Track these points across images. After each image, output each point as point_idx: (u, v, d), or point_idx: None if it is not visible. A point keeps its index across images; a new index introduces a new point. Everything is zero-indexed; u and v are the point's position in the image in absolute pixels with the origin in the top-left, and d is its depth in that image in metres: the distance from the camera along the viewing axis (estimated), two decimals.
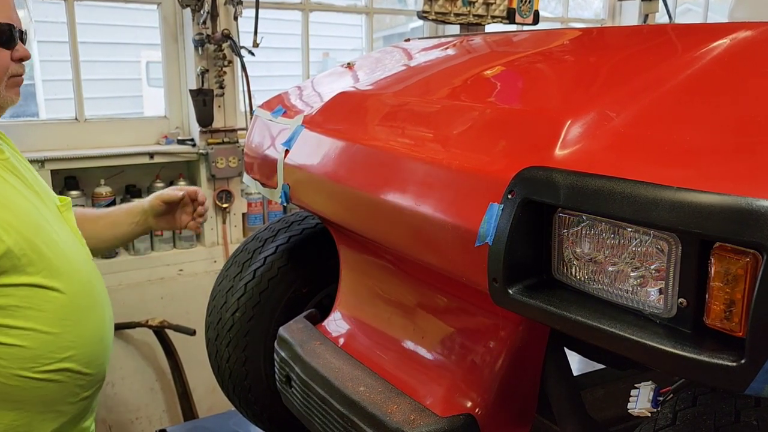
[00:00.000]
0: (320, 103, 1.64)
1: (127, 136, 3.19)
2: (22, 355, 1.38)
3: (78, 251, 1.57)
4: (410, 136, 1.30)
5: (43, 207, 1.51)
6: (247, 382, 1.84)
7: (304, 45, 3.71)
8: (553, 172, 0.93)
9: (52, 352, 1.42)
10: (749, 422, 0.90)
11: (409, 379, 1.37)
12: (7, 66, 1.45)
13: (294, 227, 1.93)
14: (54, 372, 1.43)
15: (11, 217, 1.38)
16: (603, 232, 0.91)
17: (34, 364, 1.40)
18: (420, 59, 1.76)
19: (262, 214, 3.53)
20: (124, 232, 1.86)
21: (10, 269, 1.36)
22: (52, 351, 1.42)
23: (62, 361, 1.44)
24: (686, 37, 1.23)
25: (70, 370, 1.46)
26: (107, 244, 1.90)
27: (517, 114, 1.17)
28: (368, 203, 1.29)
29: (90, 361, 1.51)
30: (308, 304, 1.86)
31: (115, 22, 4.03)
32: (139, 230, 1.89)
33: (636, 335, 0.84)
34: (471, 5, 3.51)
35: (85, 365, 1.49)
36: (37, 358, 1.40)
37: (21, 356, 1.38)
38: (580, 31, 1.66)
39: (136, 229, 1.88)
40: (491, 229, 0.97)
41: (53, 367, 1.43)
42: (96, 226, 1.83)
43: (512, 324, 1.22)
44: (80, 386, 1.50)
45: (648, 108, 0.99)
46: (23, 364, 1.39)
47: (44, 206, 1.52)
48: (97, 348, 1.53)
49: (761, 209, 0.72)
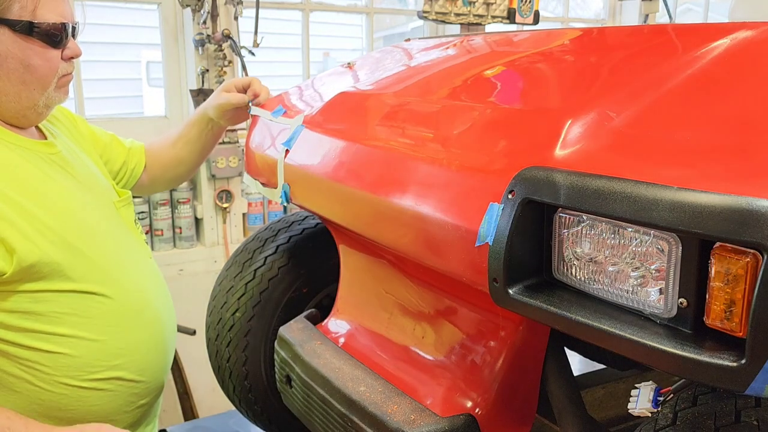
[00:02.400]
0: (320, 102, 1.64)
1: (127, 135, 3.18)
2: (68, 363, 1.31)
3: (131, 252, 1.49)
4: (410, 136, 1.30)
5: (94, 205, 1.43)
6: (248, 382, 1.84)
7: (305, 45, 3.71)
8: (553, 172, 0.93)
9: (100, 360, 1.35)
10: (749, 422, 0.90)
11: (410, 379, 1.37)
12: (57, 67, 1.35)
13: (294, 227, 1.93)
14: (103, 381, 1.36)
15: (52, 220, 1.30)
16: (603, 232, 0.91)
17: (81, 372, 1.33)
18: (420, 59, 1.76)
19: (262, 214, 3.53)
20: (203, 145, 1.87)
21: (48, 275, 1.28)
22: (99, 359, 1.35)
23: (111, 369, 1.36)
24: (686, 37, 1.23)
25: (121, 378, 1.38)
26: (191, 165, 1.90)
27: (518, 114, 1.17)
28: (368, 203, 1.29)
29: (144, 369, 1.43)
30: (308, 304, 1.86)
31: (116, 22, 4.04)
32: (213, 138, 1.89)
33: (636, 335, 0.84)
34: (471, 5, 3.51)
35: (138, 373, 1.41)
36: (83, 366, 1.33)
37: (66, 364, 1.31)
38: (581, 31, 1.66)
39: (211, 138, 1.88)
40: (491, 229, 0.98)
41: (102, 375, 1.35)
42: (175, 151, 1.84)
43: (512, 324, 1.22)
44: (135, 394, 1.43)
45: (648, 108, 0.99)
46: (68, 372, 1.32)
47: (96, 204, 1.45)
48: (151, 354, 1.45)
49: (761, 209, 0.72)
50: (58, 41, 1.33)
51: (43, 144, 1.42)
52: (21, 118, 1.36)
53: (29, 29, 1.28)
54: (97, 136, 1.70)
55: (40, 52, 1.31)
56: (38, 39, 1.30)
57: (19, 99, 1.33)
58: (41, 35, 1.30)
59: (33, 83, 1.33)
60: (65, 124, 1.57)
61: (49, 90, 1.36)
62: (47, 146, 1.42)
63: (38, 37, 1.30)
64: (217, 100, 1.79)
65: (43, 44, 1.31)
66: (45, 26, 1.30)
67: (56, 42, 1.33)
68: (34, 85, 1.33)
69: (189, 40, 3.18)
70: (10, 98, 1.32)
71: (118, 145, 1.75)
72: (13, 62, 1.29)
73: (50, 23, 1.30)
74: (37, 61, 1.31)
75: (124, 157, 1.75)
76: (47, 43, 1.31)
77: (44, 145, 1.42)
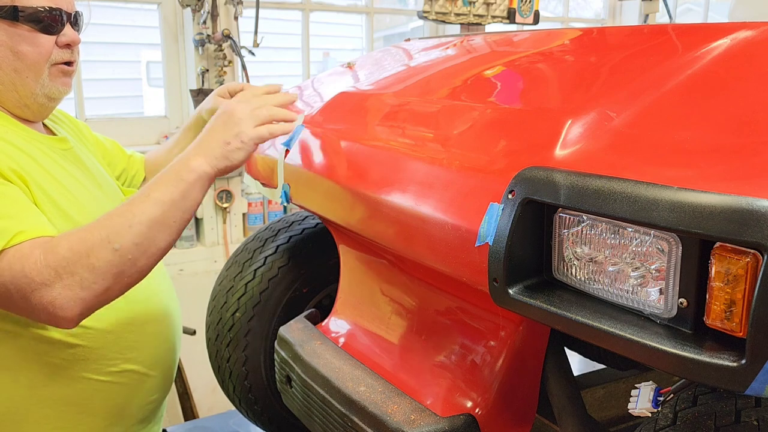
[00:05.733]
0: (321, 102, 1.64)
1: (127, 135, 3.19)
2: (86, 356, 1.33)
3: None
4: (410, 136, 1.30)
5: (105, 200, 1.45)
6: (248, 381, 1.84)
7: (305, 45, 3.71)
8: (553, 172, 0.93)
9: (115, 353, 1.37)
10: (749, 422, 0.90)
11: (410, 379, 1.37)
12: (48, 53, 1.32)
13: (294, 227, 1.93)
14: (118, 373, 1.38)
15: (72, 210, 1.32)
16: (603, 232, 0.91)
17: (98, 365, 1.35)
18: (420, 59, 1.76)
19: (262, 213, 3.53)
20: None
21: None
22: (114, 351, 1.37)
23: (126, 361, 1.39)
24: (686, 37, 1.23)
25: (135, 371, 1.41)
26: None
27: (518, 114, 1.17)
28: (368, 203, 1.29)
29: (155, 362, 1.45)
30: (308, 304, 1.86)
31: (116, 22, 4.04)
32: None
33: (636, 335, 0.84)
34: (471, 5, 3.51)
35: (150, 366, 1.44)
36: (99, 359, 1.35)
37: (84, 357, 1.33)
38: (581, 30, 1.66)
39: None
40: (491, 229, 0.98)
41: (117, 368, 1.38)
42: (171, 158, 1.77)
43: (512, 324, 1.22)
44: (147, 389, 1.45)
45: (648, 108, 0.99)
46: (87, 366, 1.34)
47: (107, 199, 1.46)
48: (161, 348, 1.48)
49: (761, 209, 0.72)
50: (47, 26, 1.31)
51: (56, 139, 1.43)
52: (24, 109, 1.36)
53: (14, 14, 1.27)
54: (100, 141, 1.72)
55: (28, 38, 1.30)
56: (25, 24, 1.29)
57: (16, 88, 1.32)
58: (28, 20, 1.29)
59: (24, 71, 1.31)
60: (69, 126, 1.58)
61: (43, 78, 1.34)
62: (61, 141, 1.44)
63: (25, 22, 1.29)
64: (211, 104, 1.79)
65: (31, 29, 1.30)
66: (31, 11, 1.29)
67: (46, 27, 1.31)
68: (26, 72, 1.32)
69: (189, 40, 3.18)
70: (7, 87, 1.32)
71: (120, 152, 1.77)
72: (3, 49, 1.28)
73: (36, 7, 1.29)
74: (26, 47, 1.30)
75: (125, 164, 1.76)
76: (35, 28, 1.30)
77: (58, 140, 1.43)
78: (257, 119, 1.28)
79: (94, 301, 1.17)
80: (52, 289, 1.12)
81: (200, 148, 1.26)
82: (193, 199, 1.24)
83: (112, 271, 1.16)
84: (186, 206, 1.23)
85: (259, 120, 1.28)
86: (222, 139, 1.26)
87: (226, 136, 1.26)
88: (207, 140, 1.26)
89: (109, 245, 1.15)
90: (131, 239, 1.16)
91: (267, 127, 1.29)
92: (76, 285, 1.13)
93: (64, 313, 1.14)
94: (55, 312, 1.14)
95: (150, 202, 1.19)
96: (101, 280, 1.15)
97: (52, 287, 1.12)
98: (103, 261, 1.14)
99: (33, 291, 1.12)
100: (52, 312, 1.14)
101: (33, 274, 1.12)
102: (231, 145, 1.25)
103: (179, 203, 1.21)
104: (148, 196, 1.20)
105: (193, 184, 1.23)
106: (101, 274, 1.15)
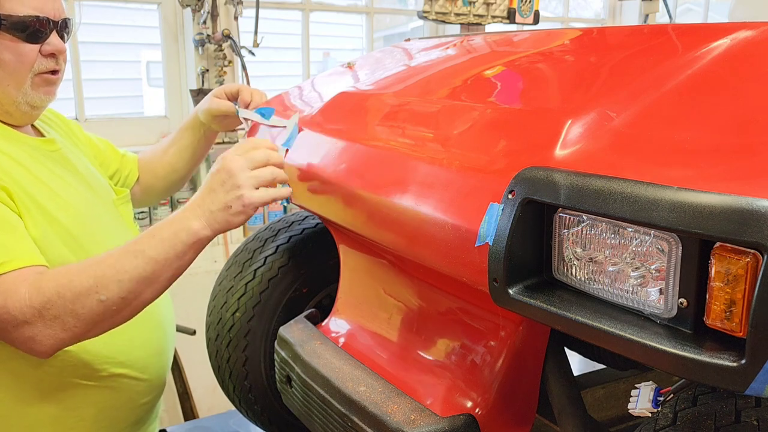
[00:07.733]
0: (320, 103, 1.64)
1: (127, 135, 3.19)
2: (74, 362, 1.33)
3: None
4: (410, 136, 1.30)
5: (95, 201, 1.44)
6: (248, 382, 1.84)
7: (305, 45, 3.71)
8: (553, 172, 0.93)
9: (107, 357, 1.37)
10: (749, 422, 0.90)
11: (410, 379, 1.37)
12: (31, 62, 1.30)
13: (294, 227, 1.93)
14: (109, 378, 1.38)
15: (59, 213, 1.31)
16: (603, 232, 0.91)
17: (87, 370, 1.35)
18: (420, 59, 1.76)
19: (262, 213, 3.53)
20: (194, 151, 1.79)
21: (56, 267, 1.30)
22: (106, 356, 1.36)
23: (117, 366, 1.38)
24: (686, 37, 1.23)
25: (126, 376, 1.40)
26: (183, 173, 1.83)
27: (518, 114, 1.17)
28: (368, 203, 1.29)
29: (146, 366, 1.45)
30: (308, 304, 1.86)
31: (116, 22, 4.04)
32: (206, 143, 1.81)
33: (636, 335, 0.84)
34: (471, 5, 3.51)
35: (140, 371, 1.43)
36: (88, 365, 1.34)
37: (73, 363, 1.33)
38: (581, 30, 1.66)
39: (204, 143, 1.80)
40: (491, 229, 0.98)
41: (108, 373, 1.38)
42: (167, 158, 1.78)
43: (512, 324, 1.22)
44: (138, 392, 1.45)
45: (648, 108, 0.99)
46: (76, 371, 1.34)
47: (97, 200, 1.45)
48: (153, 352, 1.47)
49: (761, 209, 0.72)
50: (31, 35, 1.29)
51: (43, 141, 1.42)
52: (7, 116, 1.34)
53: None
54: (93, 141, 1.70)
55: (10, 47, 1.28)
56: (7, 32, 1.26)
57: None
58: (10, 28, 1.26)
59: (5, 79, 1.29)
60: (60, 126, 1.57)
61: (25, 87, 1.31)
62: (48, 143, 1.42)
63: (6, 30, 1.26)
64: (207, 105, 1.78)
65: (13, 38, 1.27)
66: (14, 19, 1.26)
67: (29, 36, 1.29)
68: (7, 81, 1.29)
69: (189, 40, 3.18)
70: None
71: (113, 152, 1.75)
72: None
73: (20, 16, 1.26)
74: (7, 55, 1.28)
75: (118, 164, 1.75)
76: (19, 37, 1.27)
77: (45, 142, 1.42)
78: (258, 180, 1.24)
79: (72, 341, 1.19)
80: (34, 327, 1.14)
81: (201, 209, 1.22)
82: (187, 260, 1.22)
83: (95, 319, 1.17)
84: (179, 265, 1.21)
85: (260, 182, 1.25)
86: (223, 202, 1.21)
87: (227, 199, 1.21)
88: (208, 202, 1.22)
89: (96, 295, 1.15)
90: (118, 293, 1.16)
91: (268, 193, 1.26)
92: (57, 326, 1.14)
93: (41, 348, 1.16)
94: (32, 346, 1.16)
95: (143, 258, 1.17)
96: (83, 325, 1.16)
97: (33, 325, 1.13)
98: (87, 309, 1.15)
99: (14, 327, 1.14)
100: (29, 346, 1.16)
101: (15, 312, 1.13)
102: (232, 209, 1.22)
103: (173, 263, 1.20)
104: (143, 253, 1.18)
105: (191, 247, 1.21)
106: (83, 320, 1.16)
